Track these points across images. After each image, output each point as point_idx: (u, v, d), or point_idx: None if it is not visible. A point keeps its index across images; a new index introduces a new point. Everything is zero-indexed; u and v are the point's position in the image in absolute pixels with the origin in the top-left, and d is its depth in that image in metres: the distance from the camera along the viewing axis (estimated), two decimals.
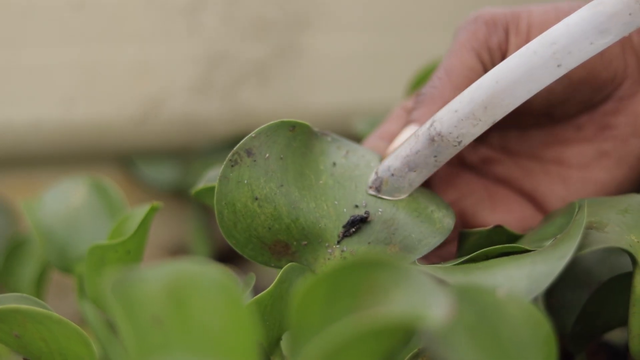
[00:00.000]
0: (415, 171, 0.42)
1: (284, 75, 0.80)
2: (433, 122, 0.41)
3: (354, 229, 0.42)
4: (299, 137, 0.42)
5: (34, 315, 0.37)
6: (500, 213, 0.47)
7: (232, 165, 0.41)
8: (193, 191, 0.47)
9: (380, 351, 0.28)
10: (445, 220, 0.42)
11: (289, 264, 0.41)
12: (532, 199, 0.48)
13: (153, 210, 0.46)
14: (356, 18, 0.82)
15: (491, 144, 0.49)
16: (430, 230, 0.42)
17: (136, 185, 0.79)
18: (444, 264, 0.40)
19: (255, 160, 0.41)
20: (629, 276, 0.40)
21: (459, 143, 0.41)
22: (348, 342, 0.27)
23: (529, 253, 0.38)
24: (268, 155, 0.41)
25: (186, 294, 0.29)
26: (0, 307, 0.37)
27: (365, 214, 0.42)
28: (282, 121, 0.42)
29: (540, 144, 0.47)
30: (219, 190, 0.41)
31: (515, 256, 0.38)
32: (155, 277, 0.29)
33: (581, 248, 0.37)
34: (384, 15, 0.83)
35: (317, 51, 0.81)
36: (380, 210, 0.42)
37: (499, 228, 0.43)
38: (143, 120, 0.76)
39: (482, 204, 0.48)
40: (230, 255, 0.60)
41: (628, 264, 0.40)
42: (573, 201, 0.43)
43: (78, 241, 0.54)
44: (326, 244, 0.42)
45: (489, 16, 0.45)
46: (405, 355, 0.37)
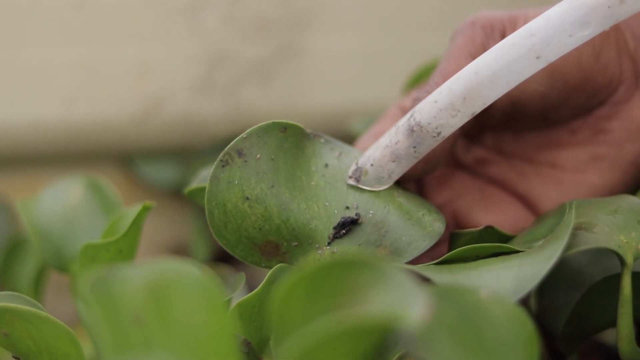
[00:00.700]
0: (394, 162, 0.42)
1: (285, 75, 0.80)
2: (413, 113, 0.41)
3: (344, 231, 0.42)
4: (290, 139, 0.42)
5: (22, 314, 0.37)
6: (494, 214, 0.47)
7: (223, 166, 0.41)
8: (186, 190, 0.47)
9: (359, 350, 0.28)
10: (436, 224, 0.42)
11: (278, 265, 0.41)
12: (526, 200, 0.48)
13: (145, 209, 0.46)
14: (356, 18, 0.82)
15: (486, 145, 0.49)
16: (420, 234, 0.42)
17: (136, 184, 0.79)
18: (432, 263, 0.40)
19: (246, 161, 0.41)
20: (619, 277, 0.39)
21: (438, 134, 0.41)
22: (325, 341, 0.27)
23: (518, 254, 0.38)
24: (259, 156, 0.42)
25: (167, 294, 0.29)
26: None
27: (356, 215, 0.42)
28: (274, 122, 0.42)
29: (535, 147, 0.47)
30: (209, 191, 0.41)
31: (503, 257, 0.38)
32: (136, 277, 0.29)
33: (569, 249, 0.37)
34: (384, 15, 0.83)
35: (318, 51, 0.81)
36: (371, 212, 0.42)
37: (490, 229, 0.43)
38: (143, 120, 0.77)
39: (476, 205, 0.48)
40: (228, 254, 0.60)
41: (619, 265, 0.40)
42: (565, 202, 0.43)
43: (74, 240, 0.55)
44: (316, 245, 0.42)
45: (486, 20, 0.45)
46: (392, 357, 0.37)
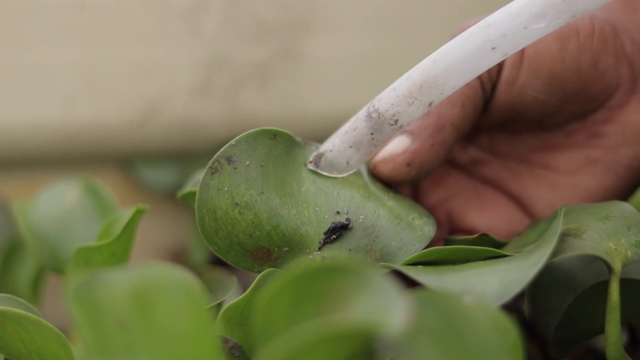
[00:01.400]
0: (352, 147, 0.42)
1: (284, 78, 0.80)
2: (373, 100, 0.41)
3: (335, 236, 0.42)
4: (280, 146, 0.43)
5: (11, 316, 0.37)
6: (488, 214, 0.48)
7: (213, 173, 0.42)
8: (179, 194, 0.47)
9: (341, 356, 0.29)
10: (426, 227, 0.42)
11: (266, 270, 0.41)
12: (520, 201, 0.48)
13: (138, 212, 0.46)
14: (355, 21, 0.82)
15: (481, 146, 0.49)
16: (410, 237, 0.42)
17: (136, 187, 0.80)
18: (421, 262, 0.40)
19: (235, 168, 0.42)
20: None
21: (396, 122, 0.41)
22: (307, 346, 0.27)
23: (505, 258, 0.38)
24: (248, 162, 0.42)
25: (151, 298, 0.30)
26: None
27: (346, 220, 0.42)
28: (263, 129, 0.42)
29: (530, 148, 0.47)
30: (199, 198, 0.41)
31: (491, 260, 0.38)
32: (120, 281, 0.30)
33: (556, 255, 0.37)
34: (384, 18, 0.83)
35: (317, 54, 0.81)
36: (361, 217, 0.42)
37: (484, 236, 0.43)
38: (143, 123, 0.77)
39: (471, 204, 0.48)
40: None
41: None
42: (559, 207, 0.43)
43: (70, 242, 0.55)
44: (307, 251, 0.42)
45: None
46: None
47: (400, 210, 0.43)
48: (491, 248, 0.40)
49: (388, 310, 0.29)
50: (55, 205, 0.56)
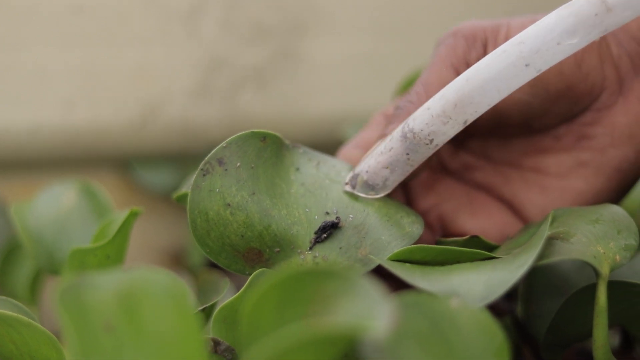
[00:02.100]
0: (388, 168, 0.42)
1: (282, 80, 0.81)
2: (408, 120, 0.41)
3: (325, 235, 0.42)
4: (270, 148, 0.43)
5: (3, 318, 0.38)
6: (480, 218, 0.48)
7: (204, 175, 0.42)
8: (174, 196, 0.47)
9: (325, 359, 0.29)
10: (414, 226, 0.43)
11: (259, 270, 0.41)
12: (511, 205, 0.48)
13: (133, 215, 0.47)
14: (354, 23, 0.82)
15: (472, 151, 0.49)
16: (399, 234, 0.42)
17: (135, 189, 0.80)
18: (409, 261, 0.40)
19: (226, 169, 0.42)
20: None
21: (431, 142, 0.41)
22: (291, 349, 0.28)
23: (492, 260, 0.38)
24: (239, 164, 0.42)
25: (137, 301, 0.30)
26: None
27: (336, 219, 0.43)
28: (253, 132, 0.43)
29: (520, 152, 0.48)
30: (191, 200, 0.42)
31: (477, 262, 0.38)
32: (108, 284, 0.30)
33: (542, 259, 0.37)
34: (382, 20, 0.83)
35: (315, 57, 0.81)
36: (351, 216, 0.43)
37: (475, 238, 0.43)
38: (141, 125, 0.77)
39: (462, 209, 0.48)
40: None
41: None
42: (551, 211, 0.43)
43: (67, 244, 0.55)
44: (298, 250, 0.42)
45: (469, 30, 0.45)
46: None
47: (389, 209, 0.43)
48: (480, 250, 0.40)
49: (372, 314, 0.29)
50: (52, 207, 0.56)
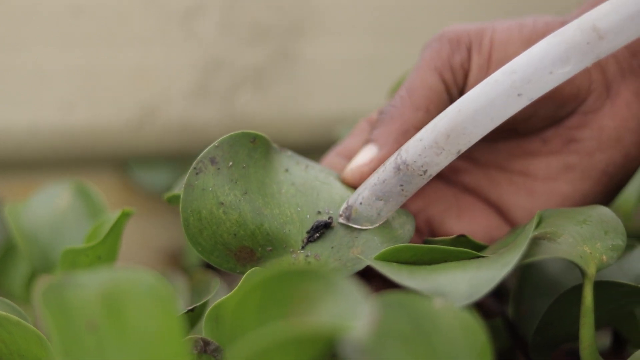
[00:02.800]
0: (382, 200, 0.42)
1: (280, 81, 0.81)
2: (400, 151, 0.41)
3: (317, 234, 0.43)
4: (259, 149, 0.43)
5: None
6: (467, 221, 0.48)
7: (197, 174, 0.42)
8: (165, 197, 0.48)
9: (305, 358, 0.29)
10: (406, 226, 0.43)
11: (252, 269, 0.42)
12: (498, 208, 0.48)
13: (124, 215, 0.47)
14: (352, 24, 0.82)
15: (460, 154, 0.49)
16: (391, 235, 0.43)
17: (133, 189, 0.80)
18: (395, 261, 0.40)
19: (219, 169, 0.42)
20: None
21: (425, 172, 0.40)
22: (271, 348, 0.28)
23: (478, 259, 0.38)
24: (231, 163, 0.42)
25: (121, 301, 0.30)
26: None
27: (329, 219, 0.43)
28: (243, 132, 0.43)
29: (507, 156, 0.48)
30: (184, 199, 0.42)
31: (463, 261, 0.39)
32: (90, 283, 0.30)
33: (527, 257, 0.37)
34: (380, 21, 0.83)
35: (313, 58, 0.81)
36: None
37: (462, 237, 0.43)
38: (140, 125, 0.78)
39: (450, 212, 0.48)
40: None
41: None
42: (538, 211, 0.43)
43: (61, 244, 0.55)
44: (290, 250, 0.43)
45: (453, 34, 0.45)
46: None
47: None
48: (467, 249, 0.40)
49: (352, 314, 0.29)
50: (47, 207, 0.57)
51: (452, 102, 0.45)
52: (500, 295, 0.54)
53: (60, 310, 0.29)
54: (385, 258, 0.41)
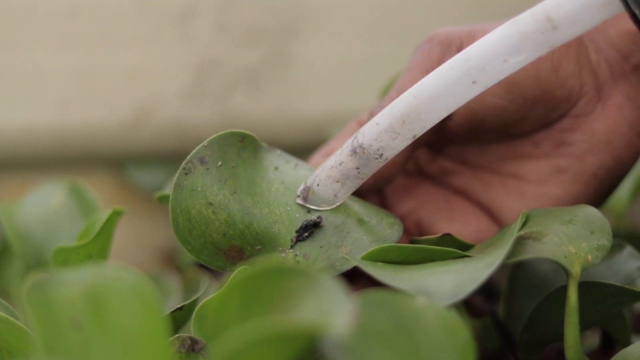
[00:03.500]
0: (339, 182, 0.42)
1: (275, 82, 0.81)
2: (357, 134, 0.41)
3: (307, 234, 0.43)
4: (248, 148, 0.44)
5: None
6: (458, 223, 0.48)
7: (186, 174, 0.42)
8: (157, 196, 0.48)
9: (286, 356, 0.29)
10: (395, 227, 0.43)
11: (240, 267, 0.42)
12: (489, 211, 0.48)
13: (115, 214, 0.47)
14: (346, 26, 0.82)
15: (450, 156, 0.49)
16: (379, 235, 0.43)
17: (129, 189, 0.81)
18: (381, 261, 0.41)
19: (208, 169, 0.42)
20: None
21: (380, 156, 0.41)
22: (250, 345, 0.28)
23: (463, 259, 0.39)
24: (220, 163, 0.43)
25: (104, 298, 0.30)
26: None
27: (318, 218, 0.43)
28: (232, 132, 0.43)
29: (499, 158, 0.48)
30: (173, 199, 0.42)
31: (449, 261, 0.39)
32: (74, 281, 0.30)
33: (511, 257, 0.38)
34: (375, 22, 0.83)
35: (308, 58, 0.82)
36: (332, 215, 0.43)
37: (447, 236, 0.44)
38: (135, 126, 0.78)
39: (440, 214, 0.49)
40: None
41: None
42: (524, 212, 0.43)
43: (54, 243, 0.56)
44: (280, 249, 0.43)
45: (444, 36, 0.45)
46: None
47: (368, 211, 0.44)
48: (453, 249, 0.40)
49: (333, 311, 0.29)
50: (40, 206, 0.57)
51: None
52: (491, 294, 0.55)
53: (44, 308, 0.30)
54: (373, 258, 0.41)
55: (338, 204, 0.43)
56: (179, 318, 0.43)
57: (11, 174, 0.77)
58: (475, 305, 0.51)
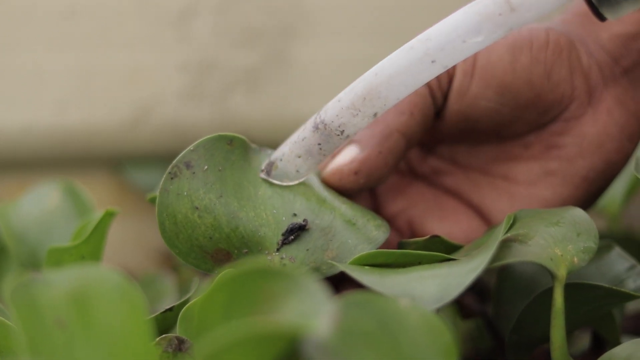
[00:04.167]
0: (300, 157, 0.43)
1: (273, 83, 0.81)
2: (320, 111, 0.42)
3: (292, 237, 0.43)
4: (237, 151, 0.44)
5: None
6: (448, 223, 0.48)
7: (172, 178, 0.43)
8: (148, 197, 0.48)
9: (267, 357, 0.30)
10: (381, 229, 0.44)
11: (226, 270, 0.42)
12: (480, 211, 0.48)
13: (108, 215, 0.48)
14: (345, 26, 0.83)
15: (442, 156, 0.49)
16: (365, 237, 0.43)
17: (127, 190, 0.81)
18: (368, 264, 0.41)
19: (194, 173, 0.43)
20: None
21: (342, 132, 0.42)
22: (232, 346, 0.28)
23: (448, 262, 0.39)
24: (207, 167, 0.43)
25: (89, 298, 0.31)
26: None
27: (303, 221, 0.43)
28: (220, 135, 0.44)
29: (490, 159, 0.48)
30: (160, 203, 0.42)
31: (435, 264, 0.39)
32: (59, 282, 0.31)
33: (496, 261, 0.38)
34: (372, 24, 0.84)
35: (306, 59, 0.82)
36: (318, 219, 0.43)
37: (436, 238, 0.44)
38: (134, 126, 0.78)
39: (431, 214, 0.49)
40: None
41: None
42: (511, 213, 0.44)
43: (49, 243, 0.56)
44: (266, 252, 0.43)
45: None
46: None
47: (355, 213, 0.44)
48: (439, 253, 0.41)
49: (315, 313, 0.29)
50: (36, 207, 0.57)
51: (437, 107, 0.46)
52: (483, 294, 0.55)
53: (28, 308, 0.30)
54: (360, 263, 0.41)
55: (300, 180, 0.44)
56: (170, 319, 0.43)
57: (10, 173, 0.78)
58: (467, 306, 0.51)
